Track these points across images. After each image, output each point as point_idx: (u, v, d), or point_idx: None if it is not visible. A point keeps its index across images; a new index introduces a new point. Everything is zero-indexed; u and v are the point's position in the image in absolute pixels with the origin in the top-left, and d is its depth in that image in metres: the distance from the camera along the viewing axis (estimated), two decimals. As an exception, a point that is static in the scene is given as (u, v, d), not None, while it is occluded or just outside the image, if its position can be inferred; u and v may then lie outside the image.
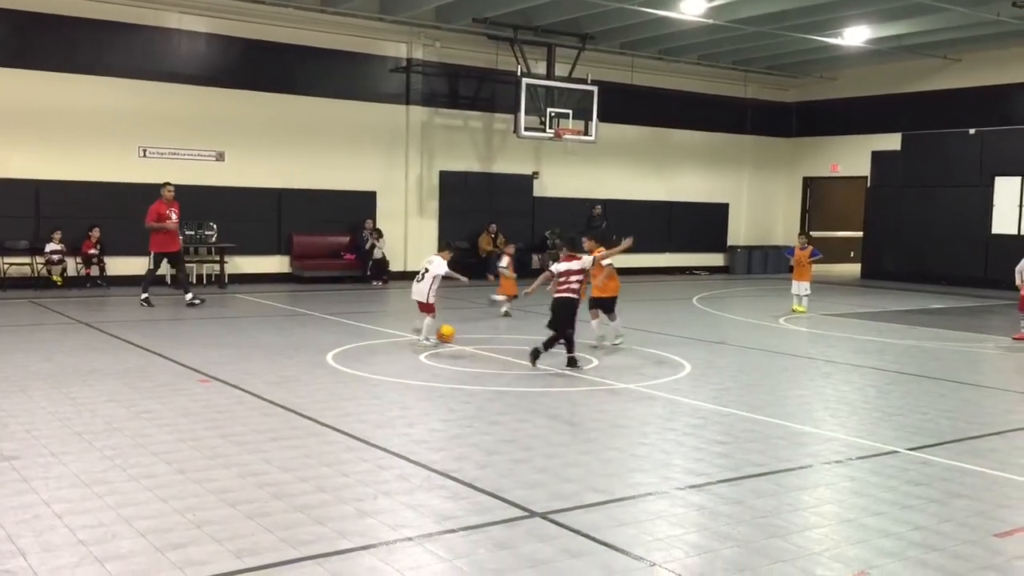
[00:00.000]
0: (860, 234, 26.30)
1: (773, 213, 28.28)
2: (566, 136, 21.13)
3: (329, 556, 4.66)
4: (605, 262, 11.34)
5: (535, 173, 23.49)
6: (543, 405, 8.37)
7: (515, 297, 14.66)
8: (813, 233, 28.20)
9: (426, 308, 11.64)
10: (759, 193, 27.89)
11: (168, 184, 15.48)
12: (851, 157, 26.15)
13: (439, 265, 11.68)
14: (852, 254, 28.16)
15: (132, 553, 4.63)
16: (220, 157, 19.29)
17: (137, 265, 18.48)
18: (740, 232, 27.49)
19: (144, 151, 18.49)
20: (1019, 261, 13.57)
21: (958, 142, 23.41)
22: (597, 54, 22.45)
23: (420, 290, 11.66)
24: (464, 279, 12.59)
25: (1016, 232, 22.03)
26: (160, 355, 10.50)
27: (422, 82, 21.56)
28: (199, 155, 19.06)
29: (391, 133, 21.31)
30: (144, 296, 15.10)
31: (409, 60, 21.30)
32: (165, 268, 16.02)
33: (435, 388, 9.08)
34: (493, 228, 22.27)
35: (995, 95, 22.91)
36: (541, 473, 6.22)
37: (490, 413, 8.00)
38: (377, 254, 20.47)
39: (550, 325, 10.36)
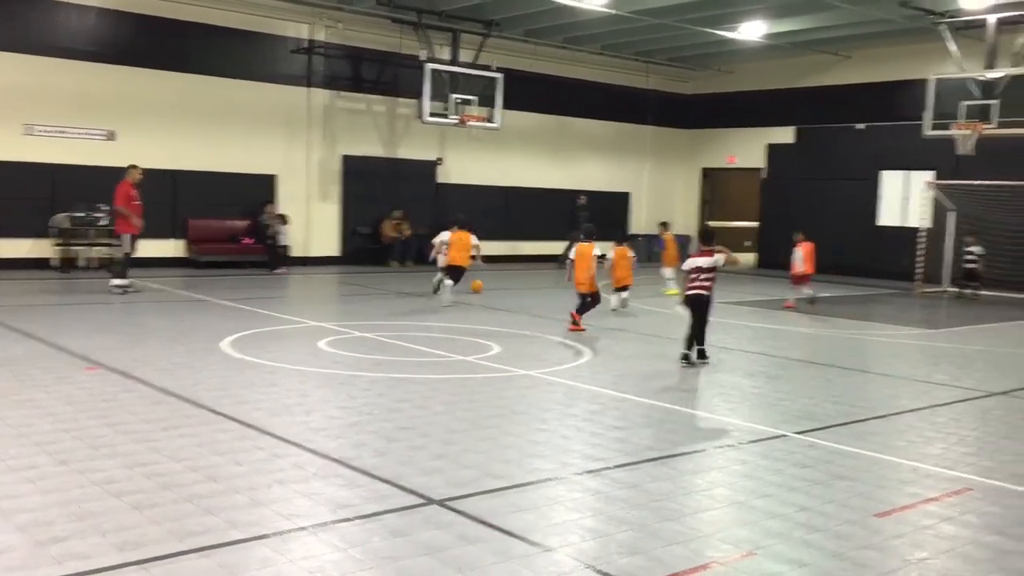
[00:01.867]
0: (756, 224, 27.03)
1: (672, 203, 28.81)
2: (470, 123, 21.05)
3: (219, 547, 4.54)
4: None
5: (439, 159, 23.38)
6: (443, 392, 8.35)
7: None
8: (712, 223, 29.00)
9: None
10: (659, 183, 28.37)
11: (135, 166, 15.05)
12: (747, 149, 26.85)
13: (446, 234, 15.46)
14: (748, 244, 28.92)
15: (10, 547, 4.44)
16: (111, 136, 18.58)
17: (23, 247, 17.78)
18: (641, 221, 27.93)
19: (30, 129, 17.69)
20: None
21: (848, 136, 24.28)
22: (502, 41, 22.44)
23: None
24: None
25: (901, 224, 22.97)
26: (45, 342, 10.08)
27: (324, 64, 21.19)
28: (88, 133, 18.33)
29: (292, 115, 20.88)
30: (126, 282, 14.65)
31: (311, 41, 20.90)
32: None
33: (334, 375, 8.97)
34: (397, 214, 22.08)
35: (882, 91, 23.79)
36: (439, 460, 6.21)
37: (390, 400, 7.94)
38: (282, 240, 20.06)
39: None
